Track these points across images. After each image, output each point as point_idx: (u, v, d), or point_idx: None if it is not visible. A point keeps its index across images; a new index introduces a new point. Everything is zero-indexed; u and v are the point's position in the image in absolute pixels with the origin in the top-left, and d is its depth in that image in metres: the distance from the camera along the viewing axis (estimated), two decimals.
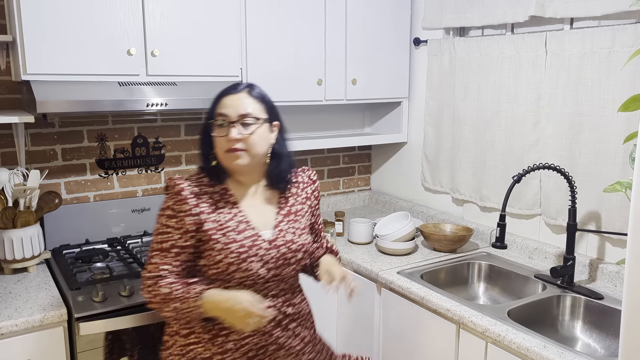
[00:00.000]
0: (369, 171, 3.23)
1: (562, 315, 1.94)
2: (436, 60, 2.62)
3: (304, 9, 2.43)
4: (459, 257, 2.28)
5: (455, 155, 2.56)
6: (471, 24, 2.42)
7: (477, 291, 2.25)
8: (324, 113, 2.93)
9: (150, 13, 2.06)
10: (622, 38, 1.87)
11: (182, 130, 2.58)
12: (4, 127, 2.18)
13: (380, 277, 2.10)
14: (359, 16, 2.60)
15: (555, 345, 1.54)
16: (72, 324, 1.79)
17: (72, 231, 2.32)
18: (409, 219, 2.36)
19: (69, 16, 1.92)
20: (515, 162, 2.28)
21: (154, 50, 2.07)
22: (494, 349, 1.67)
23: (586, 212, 2.05)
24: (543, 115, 2.17)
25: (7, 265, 2.03)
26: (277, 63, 2.41)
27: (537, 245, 2.24)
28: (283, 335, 1.54)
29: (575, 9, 2.00)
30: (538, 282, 2.04)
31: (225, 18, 2.23)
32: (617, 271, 1.97)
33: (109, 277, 1.96)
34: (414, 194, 2.90)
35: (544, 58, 2.13)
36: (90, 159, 2.38)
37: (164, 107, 2.02)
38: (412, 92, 2.84)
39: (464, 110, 2.49)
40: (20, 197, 2.04)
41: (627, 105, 1.40)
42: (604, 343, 1.83)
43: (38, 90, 1.83)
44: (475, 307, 1.80)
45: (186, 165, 2.61)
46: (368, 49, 2.65)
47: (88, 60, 1.97)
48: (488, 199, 2.42)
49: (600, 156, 1.98)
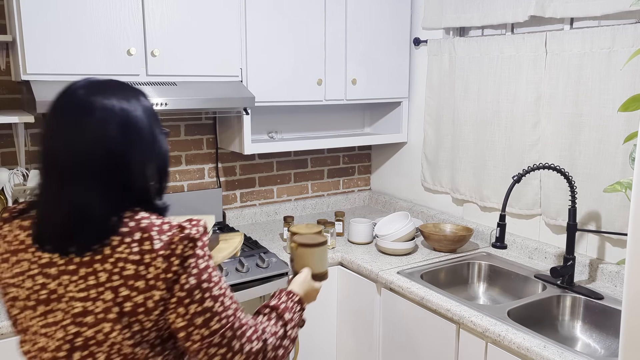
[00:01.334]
0: (369, 171, 3.23)
1: (562, 315, 1.94)
2: (436, 60, 2.62)
3: (304, 9, 2.43)
4: (459, 257, 2.28)
5: (456, 155, 2.56)
6: (471, 24, 2.42)
7: (477, 291, 2.25)
8: (324, 113, 2.93)
9: (150, 13, 2.06)
10: (622, 38, 1.87)
11: (182, 130, 2.58)
12: (4, 127, 2.18)
13: (380, 277, 2.10)
14: (359, 16, 2.60)
15: (555, 345, 1.54)
16: None
17: None
18: (409, 219, 2.36)
19: (69, 16, 1.92)
20: (516, 162, 2.28)
21: (154, 50, 2.07)
22: (494, 349, 1.67)
23: (586, 212, 2.05)
24: (543, 115, 2.17)
25: None
26: (277, 63, 2.41)
27: (537, 245, 2.24)
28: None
29: (575, 9, 2.00)
30: (538, 282, 2.04)
31: (225, 18, 2.23)
32: (617, 271, 1.97)
33: None
34: (413, 194, 2.90)
35: (544, 58, 2.13)
36: None
37: (164, 107, 2.02)
38: (412, 92, 2.84)
39: (464, 110, 2.49)
40: (20, 197, 2.04)
41: (627, 105, 1.40)
42: (604, 343, 1.83)
43: (38, 90, 1.83)
44: (475, 307, 1.80)
45: (186, 165, 2.61)
46: (368, 49, 2.65)
47: (88, 60, 1.97)
48: (488, 198, 2.42)
49: (600, 156, 1.98)
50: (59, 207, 0.99)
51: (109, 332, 0.98)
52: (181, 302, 0.99)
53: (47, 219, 1.00)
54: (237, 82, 2.30)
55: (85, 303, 0.98)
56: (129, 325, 0.98)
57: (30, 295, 1.02)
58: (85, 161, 0.97)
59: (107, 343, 0.99)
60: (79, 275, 0.98)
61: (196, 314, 0.99)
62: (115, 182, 1.00)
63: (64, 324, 1.00)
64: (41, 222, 1.01)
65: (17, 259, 1.03)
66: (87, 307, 0.98)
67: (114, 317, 0.97)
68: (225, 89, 2.21)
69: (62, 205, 0.98)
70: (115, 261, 0.97)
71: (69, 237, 0.98)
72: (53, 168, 1.00)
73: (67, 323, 1.00)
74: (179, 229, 1.00)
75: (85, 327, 0.99)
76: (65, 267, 0.99)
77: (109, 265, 0.97)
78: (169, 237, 0.98)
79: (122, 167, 1.00)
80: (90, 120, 0.98)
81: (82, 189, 0.97)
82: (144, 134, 1.04)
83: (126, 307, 0.97)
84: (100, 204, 0.98)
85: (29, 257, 1.02)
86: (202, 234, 1.02)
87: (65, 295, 0.99)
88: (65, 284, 0.99)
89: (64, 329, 1.00)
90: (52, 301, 1.00)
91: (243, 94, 2.20)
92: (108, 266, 0.97)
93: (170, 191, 2.58)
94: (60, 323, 1.00)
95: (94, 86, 1.02)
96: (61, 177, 0.99)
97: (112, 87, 1.04)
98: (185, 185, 2.62)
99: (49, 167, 1.01)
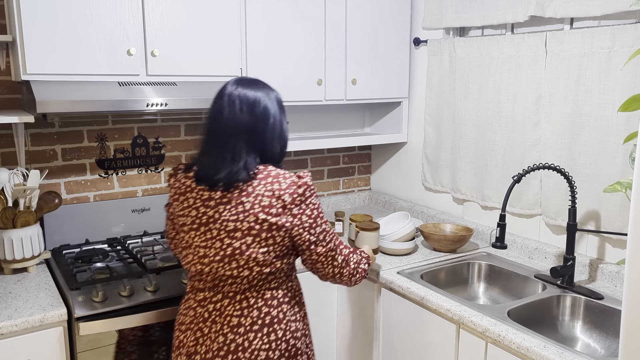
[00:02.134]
0: (369, 171, 3.23)
1: (562, 315, 1.94)
2: (436, 60, 2.62)
3: (304, 9, 2.43)
4: (459, 257, 2.28)
5: (456, 155, 2.56)
6: (471, 24, 2.42)
7: (477, 291, 2.25)
8: (324, 113, 2.93)
9: (150, 13, 2.06)
10: (622, 38, 1.87)
11: (182, 130, 2.58)
12: (4, 127, 2.18)
13: (380, 277, 2.10)
14: (359, 16, 2.60)
15: (555, 345, 1.54)
16: (72, 324, 1.79)
17: (72, 231, 2.32)
18: (409, 219, 2.36)
19: (69, 16, 1.92)
20: (516, 162, 2.28)
21: (154, 50, 2.07)
22: (494, 349, 1.67)
23: (586, 212, 2.05)
24: (543, 115, 2.17)
25: (7, 265, 2.03)
26: (277, 63, 2.41)
27: (537, 245, 2.24)
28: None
29: (575, 9, 2.00)
30: (538, 282, 2.04)
31: (225, 18, 2.23)
32: (617, 271, 1.97)
33: (109, 277, 1.96)
34: (413, 194, 2.90)
35: (544, 58, 2.13)
36: (90, 159, 2.38)
37: (163, 107, 2.02)
38: (412, 92, 2.84)
39: (464, 110, 2.49)
40: (20, 197, 2.04)
41: (627, 105, 1.40)
42: (604, 343, 1.83)
43: (38, 90, 1.83)
44: (475, 307, 1.80)
45: None
46: (368, 49, 2.66)
47: (88, 60, 1.97)
48: (489, 198, 2.42)
49: (600, 156, 1.98)
50: (219, 159, 1.45)
51: (250, 243, 1.44)
52: (302, 226, 1.46)
53: (208, 167, 1.47)
54: None
55: (236, 223, 1.44)
56: (265, 239, 1.44)
57: (194, 220, 1.49)
58: (237, 131, 1.45)
59: (247, 252, 1.44)
60: (231, 205, 1.44)
61: (312, 236, 1.48)
62: (254, 146, 1.47)
63: (219, 238, 1.46)
64: (202, 170, 1.48)
65: (184, 198, 1.52)
66: (237, 225, 1.44)
67: (255, 233, 1.43)
68: None
69: (219, 158, 1.45)
70: (255, 195, 1.44)
71: (223, 179, 1.44)
72: (214, 136, 1.47)
73: (223, 237, 1.45)
74: (297, 177, 1.47)
75: (234, 239, 1.44)
76: (220, 200, 1.46)
77: (252, 198, 1.44)
78: (292, 181, 1.45)
79: (259, 137, 1.48)
80: (241, 106, 1.46)
81: (233, 148, 1.44)
82: (276, 119, 1.50)
83: (264, 226, 1.43)
84: (244, 159, 1.44)
85: (193, 195, 1.50)
86: (311, 180, 1.48)
87: (220, 218, 1.45)
88: (221, 211, 1.45)
89: (220, 241, 1.46)
90: (210, 223, 1.47)
91: None
92: (251, 199, 1.44)
93: None
94: (217, 237, 1.46)
95: (243, 82, 1.51)
96: (219, 141, 1.46)
97: (256, 83, 1.52)
98: None
99: (211, 135, 1.48)
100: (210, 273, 1.49)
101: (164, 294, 1.92)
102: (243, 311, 1.48)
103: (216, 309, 1.50)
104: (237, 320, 1.48)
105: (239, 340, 1.47)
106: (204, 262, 1.48)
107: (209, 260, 1.47)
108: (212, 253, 1.47)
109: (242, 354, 1.46)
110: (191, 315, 1.54)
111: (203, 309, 1.52)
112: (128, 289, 1.87)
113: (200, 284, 1.53)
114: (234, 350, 1.46)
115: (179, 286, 1.97)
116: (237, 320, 1.48)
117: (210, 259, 1.47)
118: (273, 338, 1.49)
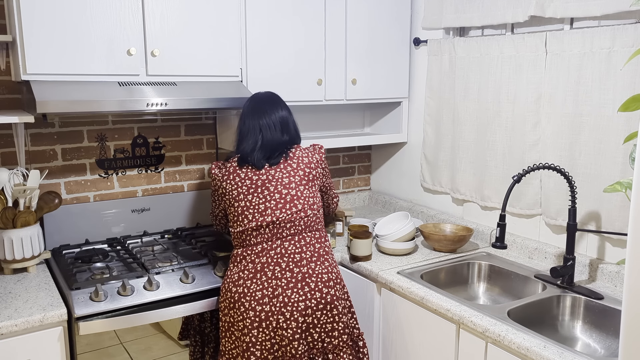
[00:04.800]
0: (368, 171, 3.23)
1: (562, 315, 1.94)
2: (436, 60, 2.62)
3: (304, 9, 2.43)
4: (459, 257, 2.28)
5: (456, 155, 2.56)
6: (471, 24, 2.42)
7: (477, 291, 2.25)
8: (324, 113, 2.93)
9: (150, 13, 2.06)
10: (622, 38, 1.87)
11: (182, 130, 2.58)
12: (4, 127, 2.18)
13: (380, 277, 2.10)
14: (359, 16, 2.60)
15: (555, 345, 1.54)
16: (72, 324, 1.79)
17: (72, 231, 2.32)
18: (409, 219, 2.36)
19: (69, 16, 1.92)
20: (516, 162, 2.28)
21: (154, 50, 2.07)
22: (494, 349, 1.67)
23: (586, 212, 2.05)
24: (543, 115, 2.17)
25: (7, 265, 2.03)
26: (277, 63, 2.41)
27: (537, 245, 2.24)
28: None
29: (575, 9, 2.00)
30: (538, 282, 2.04)
31: (225, 18, 2.23)
32: (617, 271, 1.97)
33: (109, 277, 1.96)
34: (413, 194, 2.90)
35: (544, 58, 2.13)
36: (90, 159, 2.38)
37: (164, 107, 2.02)
38: (412, 92, 2.84)
39: (464, 110, 2.49)
40: (20, 197, 2.04)
41: (627, 105, 1.40)
42: (604, 343, 1.83)
43: (38, 90, 1.83)
44: (475, 307, 1.80)
45: (186, 165, 2.61)
46: (368, 49, 2.66)
47: (88, 60, 1.97)
48: (489, 198, 2.42)
49: (600, 156, 1.98)
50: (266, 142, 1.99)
51: (302, 190, 1.94)
52: (326, 176, 2.10)
53: (252, 150, 1.96)
54: (237, 82, 2.30)
55: (290, 177, 1.94)
56: (310, 184, 1.97)
57: (249, 187, 1.92)
58: (274, 123, 2.01)
59: (303, 197, 1.94)
60: (280, 168, 1.95)
61: (329, 183, 2.15)
62: (286, 133, 2.03)
63: (278, 191, 1.91)
64: (247, 153, 1.96)
65: (233, 176, 1.95)
66: (290, 179, 1.94)
67: (305, 182, 1.96)
68: (225, 89, 2.21)
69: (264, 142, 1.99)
70: (297, 158, 1.99)
71: (268, 157, 1.96)
72: (256, 128, 1.99)
73: (280, 189, 1.92)
74: (319, 146, 2.09)
75: (291, 189, 1.92)
76: (270, 168, 1.95)
77: (296, 160, 1.99)
78: (316, 148, 2.07)
79: (287, 127, 2.04)
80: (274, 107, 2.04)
81: (274, 134, 2.00)
82: (291, 117, 2.07)
83: (309, 176, 1.98)
84: (282, 140, 2.01)
85: (243, 171, 1.95)
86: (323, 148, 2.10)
87: (274, 178, 1.93)
88: (273, 173, 1.94)
89: (278, 193, 1.91)
90: (266, 183, 1.92)
91: (243, 93, 2.20)
92: (295, 160, 1.99)
93: (170, 191, 2.58)
94: (275, 191, 1.91)
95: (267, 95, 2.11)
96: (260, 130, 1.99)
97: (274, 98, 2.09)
98: (185, 185, 2.62)
99: (252, 127, 2.00)
100: (271, 222, 1.88)
101: (164, 294, 1.92)
102: (302, 248, 1.89)
103: (277, 253, 1.87)
104: (299, 256, 1.88)
105: (304, 270, 1.86)
106: (266, 214, 1.88)
107: (271, 211, 1.88)
108: (273, 204, 1.89)
109: (309, 279, 1.85)
110: (250, 269, 1.86)
111: (263, 258, 1.86)
112: (128, 289, 1.87)
113: (258, 238, 1.88)
114: (301, 279, 1.84)
115: (179, 286, 1.97)
116: (299, 256, 1.87)
117: (272, 209, 1.89)
118: (327, 264, 1.91)
